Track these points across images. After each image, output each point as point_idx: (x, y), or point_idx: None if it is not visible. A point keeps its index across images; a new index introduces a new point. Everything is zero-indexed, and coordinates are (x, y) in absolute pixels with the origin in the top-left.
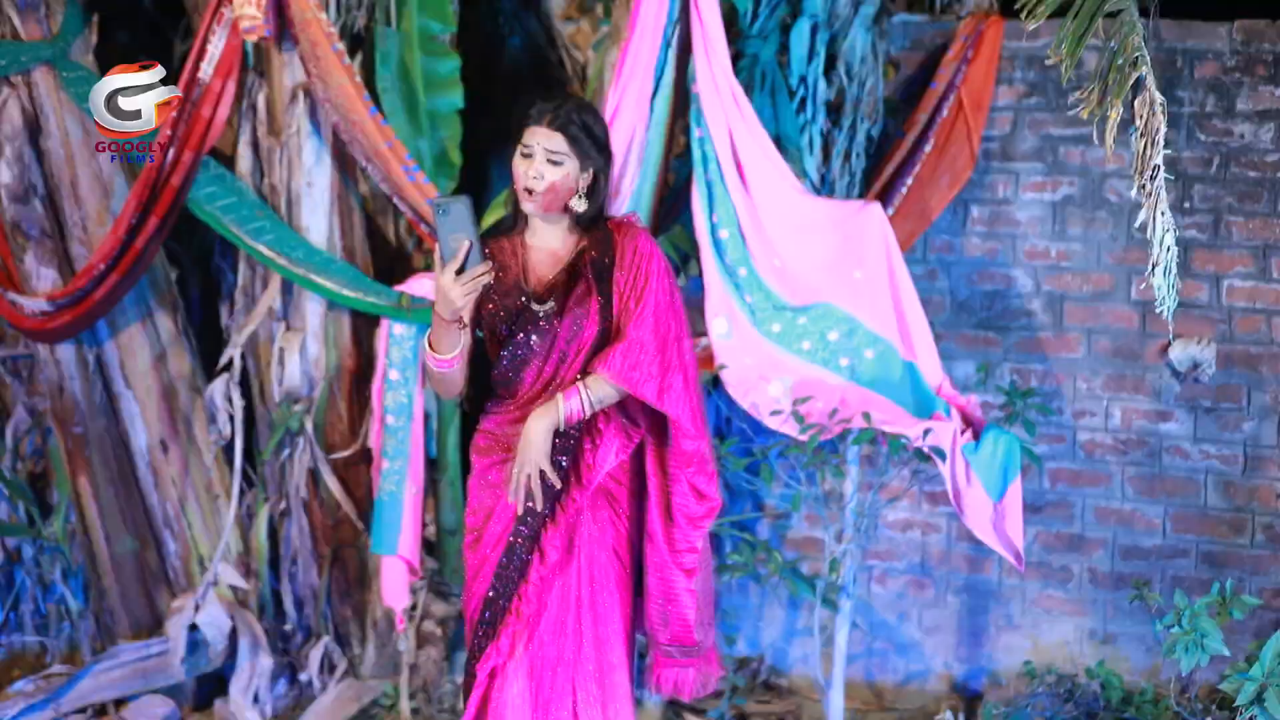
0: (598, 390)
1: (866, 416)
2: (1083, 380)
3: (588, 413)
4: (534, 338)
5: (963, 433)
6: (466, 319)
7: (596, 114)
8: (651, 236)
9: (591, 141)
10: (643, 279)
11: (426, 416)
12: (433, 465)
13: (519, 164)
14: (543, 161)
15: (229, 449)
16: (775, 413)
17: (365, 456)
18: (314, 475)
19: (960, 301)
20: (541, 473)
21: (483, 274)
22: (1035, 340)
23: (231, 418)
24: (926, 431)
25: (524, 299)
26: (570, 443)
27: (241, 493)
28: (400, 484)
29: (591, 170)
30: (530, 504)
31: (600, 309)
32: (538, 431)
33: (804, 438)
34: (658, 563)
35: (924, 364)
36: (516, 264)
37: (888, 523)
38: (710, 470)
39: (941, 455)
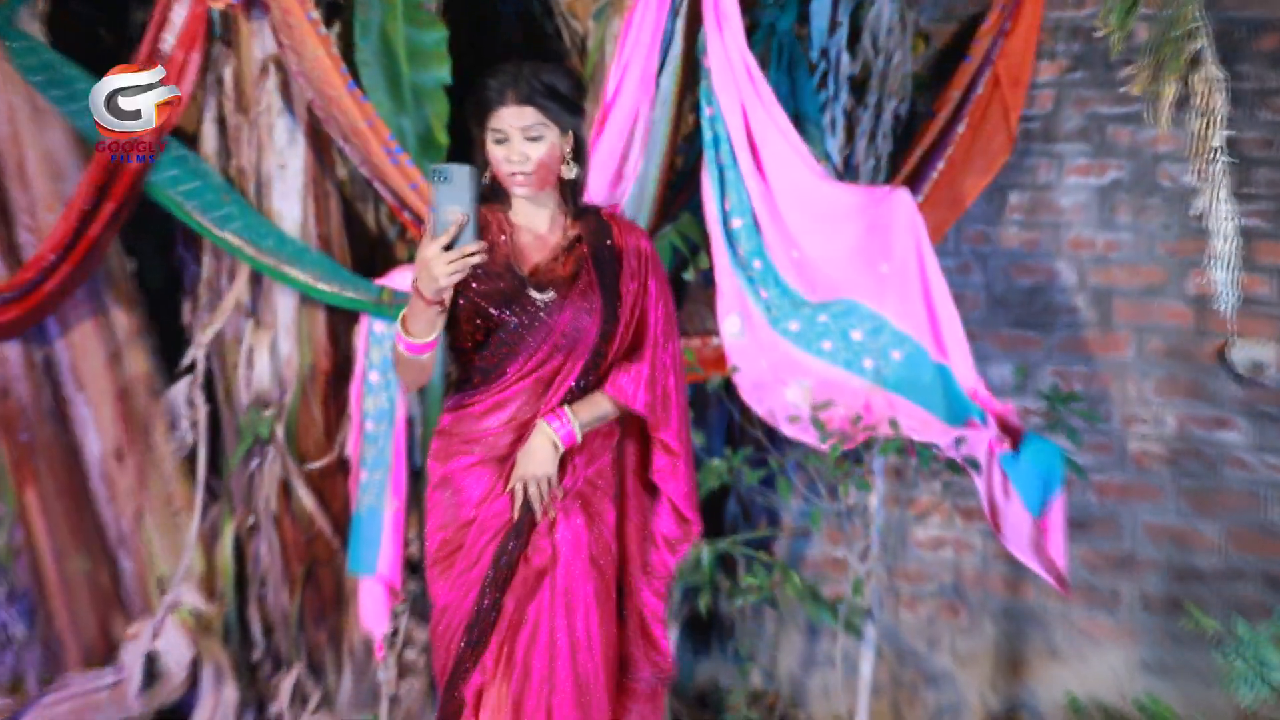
0: (601, 409)
1: (894, 424)
2: (1132, 384)
3: (578, 439)
4: (527, 326)
5: (1000, 442)
6: (447, 300)
7: (558, 70)
8: (649, 236)
9: (561, 104)
10: (654, 295)
11: (410, 423)
12: (416, 477)
13: (496, 151)
14: (521, 141)
15: (191, 458)
16: (793, 419)
17: (342, 467)
18: (285, 487)
19: (997, 297)
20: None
21: (474, 253)
22: (1080, 340)
23: (194, 424)
24: (959, 440)
25: (519, 283)
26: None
27: (205, 507)
28: (380, 497)
29: (570, 132)
30: (528, 516)
31: (603, 309)
32: (546, 441)
33: (825, 447)
34: (635, 586)
35: (957, 366)
36: (505, 243)
37: (917, 541)
38: (692, 491)
39: (976, 467)
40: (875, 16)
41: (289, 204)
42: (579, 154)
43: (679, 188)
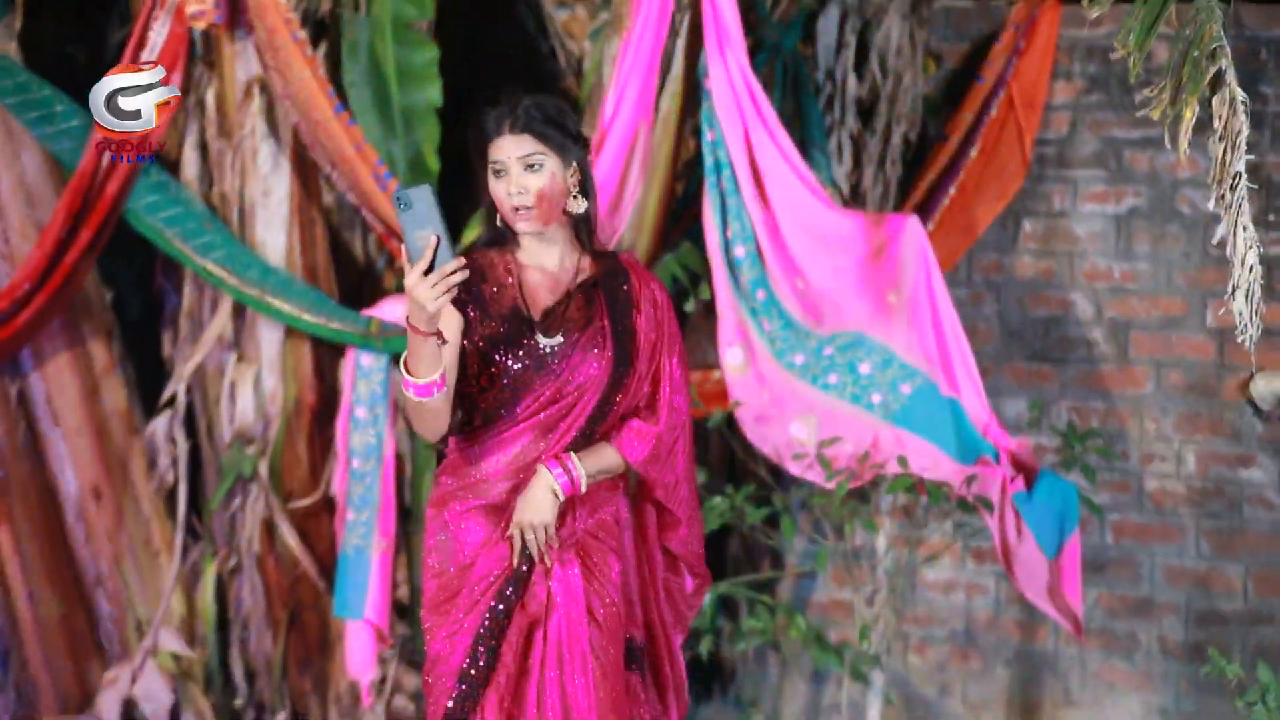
0: (607, 461)
1: (902, 461)
2: (1151, 420)
3: (581, 489)
4: (534, 373)
5: (1013, 480)
6: (448, 334)
7: (557, 102)
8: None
9: (562, 132)
10: (669, 350)
11: (398, 460)
12: (405, 516)
13: (496, 186)
14: (521, 172)
15: (171, 497)
16: (798, 456)
17: (328, 506)
18: (269, 527)
19: (1010, 329)
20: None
21: (454, 271)
22: (1096, 374)
23: (174, 461)
24: (971, 478)
25: (525, 327)
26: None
27: (185, 547)
28: (368, 538)
29: (574, 163)
30: (526, 564)
31: (614, 357)
32: (545, 488)
33: (831, 485)
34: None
35: (968, 401)
36: (512, 283)
37: (927, 583)
38: (701, 548)
39: (989, 506)
40: (884, 36)
41: (273, 232)
42: (585, 187)
43: (679, 215)
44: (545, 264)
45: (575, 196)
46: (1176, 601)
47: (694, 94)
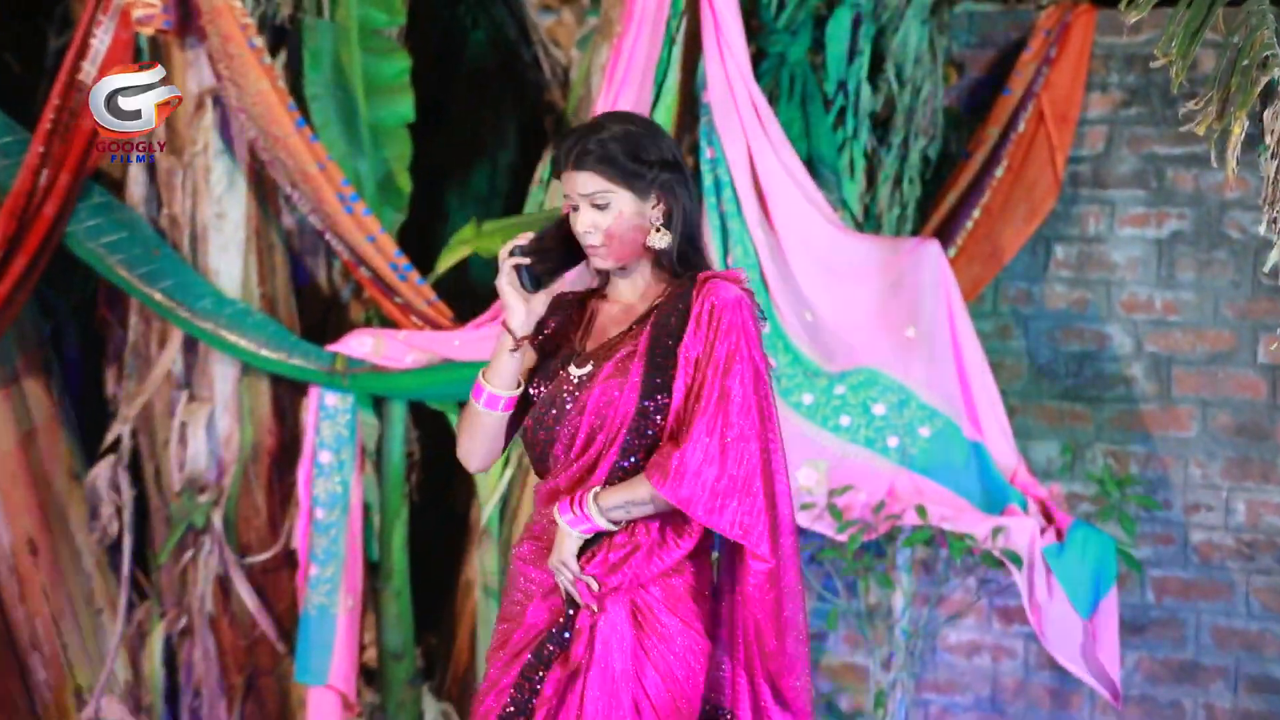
0: (637, 493)
1: (921, 511)
2: (1196, 465)
3: (605, 526)
4: (563, 408)
5: (1043, 532)
6: (525, 360)
7: (637, 122)
8: (743, 295)
9: (637, 161)
10: (719, 359)
11: (366, 510)
12: (373, 572)
13: (572, 220)
14: (588, 210)
15: (115, 550)
16: (806, 506)
17: (289, 561)
18: (223, 584)
19: (1041, 365)
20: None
21: (523, 240)
22: (1136, 414)
23: (118, 511)
24: (997, 530)
25: (566, 358)
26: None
27: (130, 606)
28: (332, 595)
29: (655, 193)
30: (572, 608)
31: (644, 380)
32: (561, 528)
33: (842, 538)
34: None
35: (994, 444)
36: (581, 319)
37: (948, 645)
38: (795, 655)
39: (1017, 561)
40: (901, 43)
41: (228, 259)
42: (672, 219)
43: None
44: (625, 297)
45: (658, 229)
46: (1225, 666)
47: (691, 107)
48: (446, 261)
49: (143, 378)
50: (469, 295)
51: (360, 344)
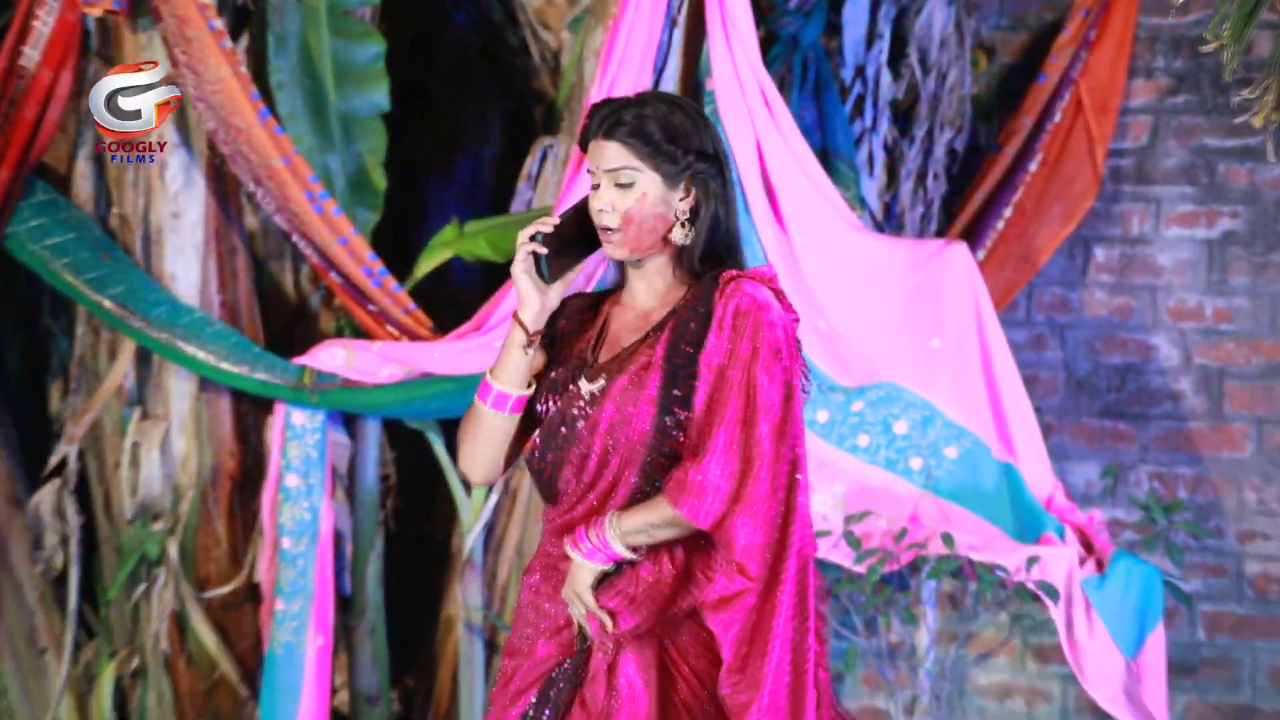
0: (657, 514)
1: (948, 539)
2: (1251, 489)
3: (624, 554)
4: (573, 426)
5: (1082, 563)
6: (534, 361)
7: (683, 105)
8: (771, 295)
9: (673, 143)
10: (742, 361)
11: (338, 539)
12: (345, 607)
13: (591, 200)
14: (609, 188)
15: (60, 584)
16: (821, 534)
17: (252, 595)
18: (179, 621)
19: (1079, 379)
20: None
21: (545, 225)
22: (1184, 433)
23: (64, 541)
24: (1032, 560)
25: (576, 370)
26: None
27: (77, 645)
28: (300, 633)
29: (685, 183)
30: (584, 654)
31: (661, 393)
32: (575, 559)
33: (861, 569)
34: None
35: (1028, 466)
36: (594, 327)
37: (978, 687)
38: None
39: (1053, 594)
40: (924, 25)
41: (185, 263)
42: (698, 215)
43: None
44: (641, 301)
45: (682, 224)
46: None
47: (695, 96)
48: (425, 266)
49: (91, 394)
50: (450, 303)
51: (331, 356)
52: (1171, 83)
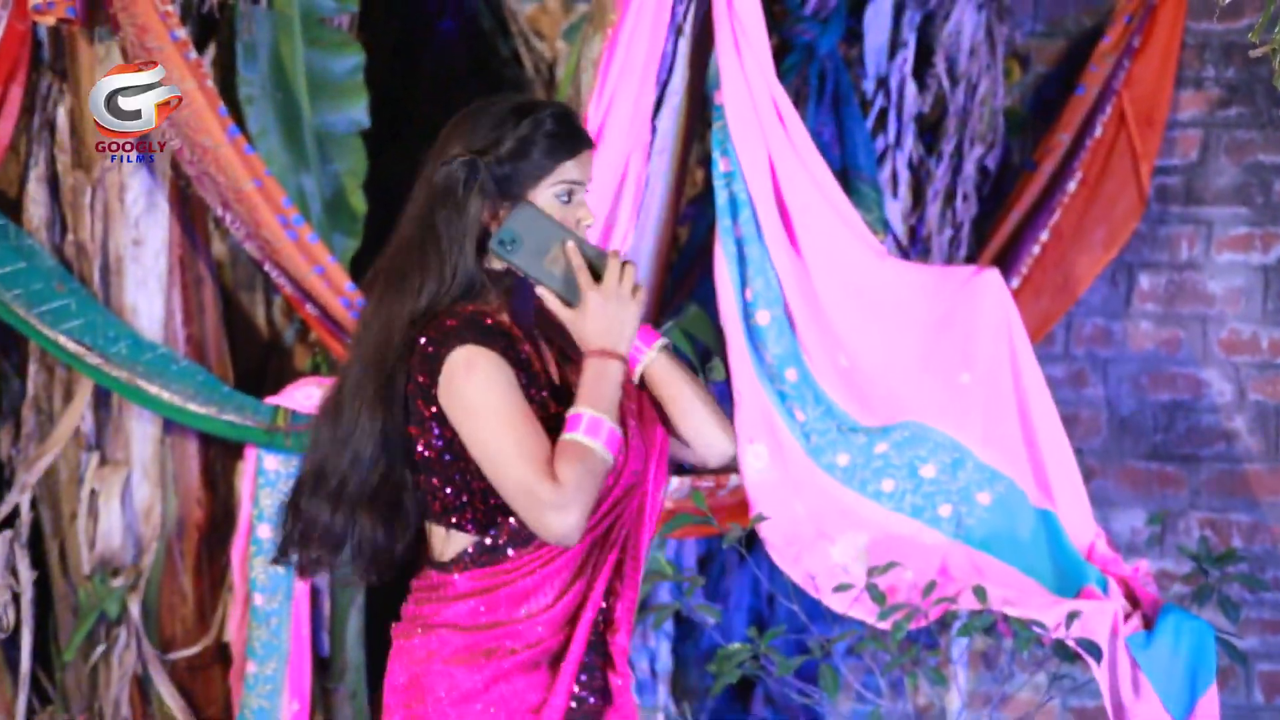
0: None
1: (980, 593)
2: None
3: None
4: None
5: (1127, 618)
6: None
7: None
8: None
9: None
10: None
11: (314, 595)
12: (323, 669)
13: (568, 214)
14: (584, 198)
15: (11, 645)
16: (842, 588)
17: (221, 656)
18: (142, 685)
19: (1123, 418)
20: None
21: (626, 261)
22: (1238, 476)
23: (15, 598)
24: (1072, 616)
25: (554, 399)
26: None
27: (31, 712)
28: (274, 698)
29: None
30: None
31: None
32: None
33: (886, 625)
34: None
35: (1067, 513)
36: (539, 359)
37: None
38: None
39: (1096, 653)
40: (953, 32)
41: (147, 294)
42: None
43: (683, 270)
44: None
45: None
46: None
47: (702, 111)
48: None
49: (44, 437)
50: None
51: (306, 396)
52: (1223, 94)
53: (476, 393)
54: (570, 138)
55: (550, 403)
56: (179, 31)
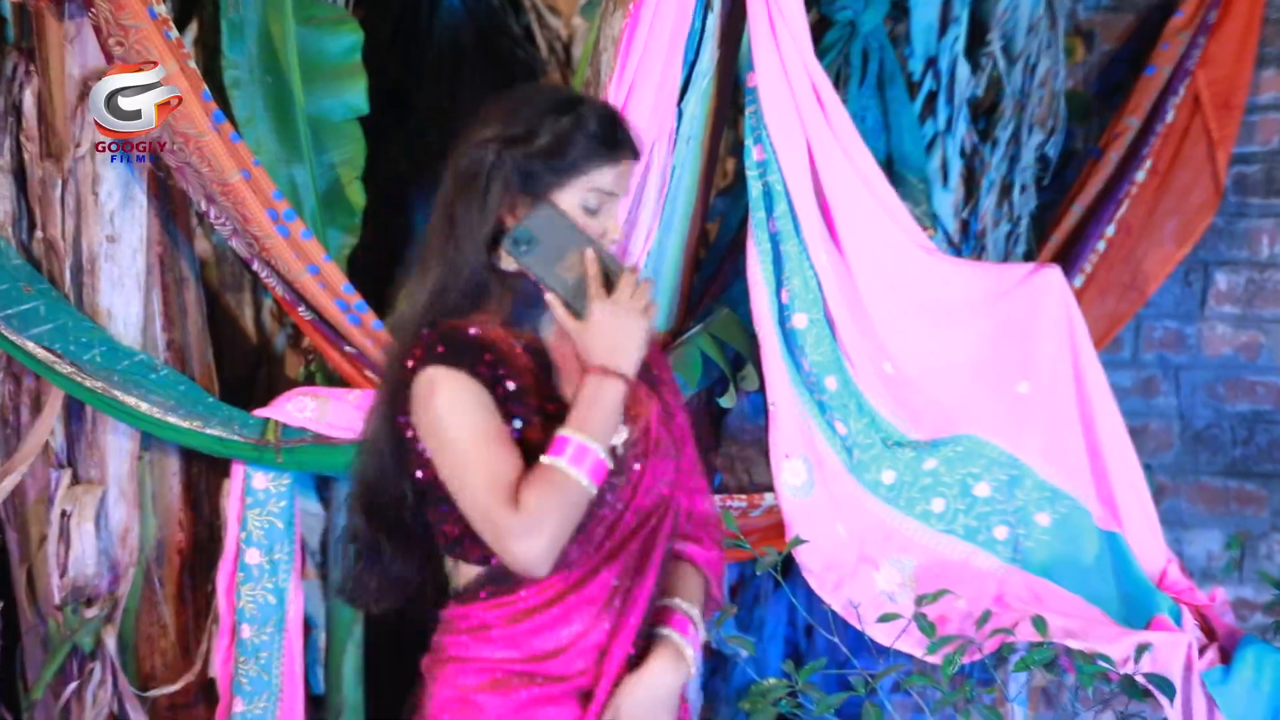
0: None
1: (1039, 624)
2: None
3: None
4: (606, 487)
5: (1203, 651)
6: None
7: None
8: None
9: None
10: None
11: (308, 626)
12: (318, 707)
13: (591, 223)
14: (614, 209)
15: None
16: (887, 617)
17: (206, 693)
18: None
19: (1197, 432)
20: None
21: (640, 274)
22: None
23: None
24: (1141, 649)
25: (554, 419)
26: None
27: None
28: None
29: None
30: None
31: (679, 440)
32: (670, 687)
33: (936, 659)
34: None
35: (1135, 536)
36: (531, 368)
37: None
38: None
39: (1169, 690)
40: (1009, 7)
41: (123, 296)
42: None
43: (713, 269)
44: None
45: None
46: None
47: (733, 95)
48: (404, 304)
49: (11, 454)
50: None
51: (299, 408)
52: None
53: (438, 417)
54: (612, 143)
55: (540, 422)
56: (158, 8)
